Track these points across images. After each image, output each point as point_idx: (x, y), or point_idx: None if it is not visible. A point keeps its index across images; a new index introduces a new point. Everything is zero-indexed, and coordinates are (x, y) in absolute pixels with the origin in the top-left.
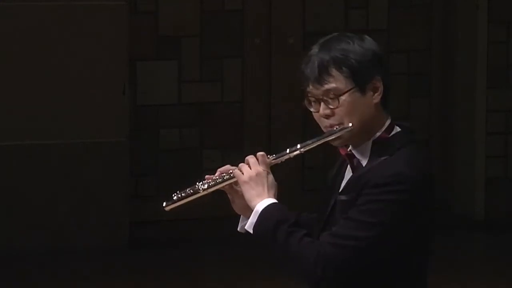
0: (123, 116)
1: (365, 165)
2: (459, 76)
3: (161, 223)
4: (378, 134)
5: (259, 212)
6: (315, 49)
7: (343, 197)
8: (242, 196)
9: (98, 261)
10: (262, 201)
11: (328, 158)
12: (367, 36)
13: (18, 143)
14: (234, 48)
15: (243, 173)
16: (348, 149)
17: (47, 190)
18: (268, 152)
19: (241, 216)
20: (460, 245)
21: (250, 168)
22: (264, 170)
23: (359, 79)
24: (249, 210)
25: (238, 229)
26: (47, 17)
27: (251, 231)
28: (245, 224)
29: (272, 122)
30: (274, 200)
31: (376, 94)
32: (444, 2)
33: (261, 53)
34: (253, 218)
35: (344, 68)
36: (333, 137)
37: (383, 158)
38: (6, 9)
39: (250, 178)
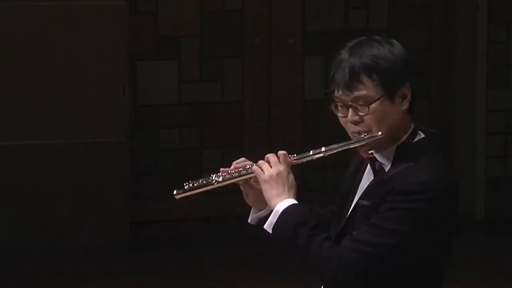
0: (123, 116)
1: (388, 170)
2: (459, 76)
3: (161, 223)
4: (402, 139)
5: (280, 212)
6: (344, 54)
7: (364, 202)
8: (256, 190)
9: (98, 261)
10: (282, 201)
11: (329, 158)
12: (395, 41)
13: (18, 143)
14: (234, 48)
15: (263, 171)
16: (370, 152)
17: (47, 190)
18: (268, 152)
19: (252, 208)
20: (460, 245)
21: (271, 167)
22: (285, 170)
23: (389, 87)
24: (263, 203)
25: (249, 220)
26: (47, 17)
27: (270, 231)
28: (257, 216)
29: (272, 122)
30: (295, 201)
31: (404, 101)
32: (444, 2)
33: (261, 53)
34: (272, 218)
35: (375, 76)
36: (360, 144)
37: (407, 164)
38: (6, 9)
39: (271, 177)
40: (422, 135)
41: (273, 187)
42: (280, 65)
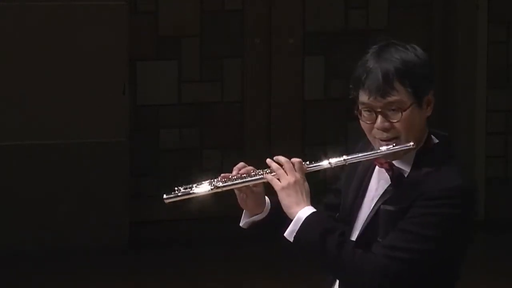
0: (123, 116)
1: (408, 175)
2: (459, 76)
3: (161, 223)
4: (420, 144)
5: (302, 220)
6: (371, 60)
7: (388, 207)
8: (255, 195)
9: (98, 261)
10: (303, 209)
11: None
12: (415, 45)
13: (18, 143)
14: (234, 48)
15: (278, 179)
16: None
17: (47, 190)
18: (268, 152)
19: (244, 212)
20: None
21: (287, 174)
22: (301, 177)
23: (419, 93)
24: (259, 208)
25: (241, 224)
26: (47, 17)
27: (291, 239)
28: (250, 221)
29: (272, 122)
30: (314, 209)
31: (429, 108)
32: (444, 2)
33: (261, 53)
34: (294, 226)
35: (407, 82)
36: (389, 153)
37: (429, 169)
38: (6, 9)
39: (289, 185)
40: (437, 140)
41: (291, 195)
42: (280, 65)
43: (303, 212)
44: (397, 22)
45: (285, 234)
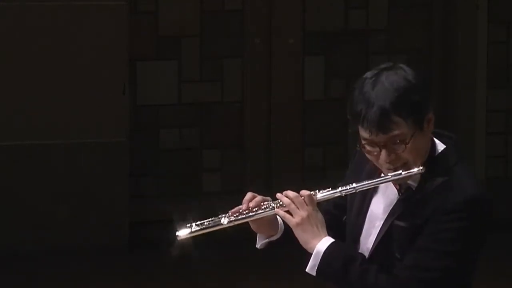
0: (123, 116)
1: (416, 188)
2: (459, 76)
3: (161, 223)
4: (426, 155)
5: (322, 253)
6: (370, 91)
7: (401, 224)
8: (268, 221)
9: (98, 261)
10: (320, 242)
11: (329, 158)
12: (404, 66)
13: (18, 143)
14: (234, 48)
15: (291, 215)
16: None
17: (47, 190)
18: (268, 152)
19: (258, 235)
20: None
21: (298, 209)
22: (313, 210)
23: (419, 120)
24: (271, 230)
25: (258, 246)
26: (47, 17)
27: (313, 273)
28: (266, 242)
29: (272, 122)
30: (332, 239)
31: (430, 125)
32: (444, 2)
33: (261, 53)
34: (315, 260)
35: (404, 113)
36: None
37: (439, 179)
38: (6, 9)
39: (303, 221)
40: (442, 145)
41: (307, 230)
42: (280, 65)
43: (321, 244)
44: (397, 22)
45: (307, 270)
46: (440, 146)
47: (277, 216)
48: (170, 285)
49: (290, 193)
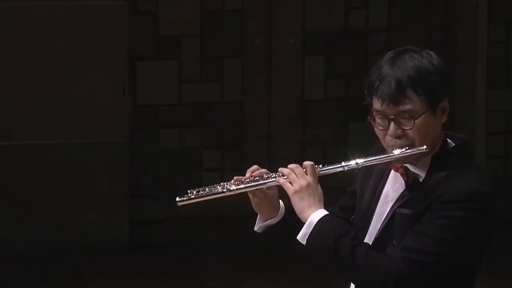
0: (123, 116)
1: (423, 180)
2: (459, 76)
3: (161, 223)
4: (436, 148)
5: (315, 223)
6: (386, 66)
7: (405, 211)
8: (269, 198)
9: (98, 261)
10: (315, 212)
11: (330, 158)
12: (432, 52)
13: (18, 143)
14: (234, 48)
15: (290, 183)
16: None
17: (47, 190)
18: (268, 152)
19: (259, 216)
20: None
21: (298, 178)
22: (313, 181)
23: (433, 101)
24: (273, 212)
25: (256, 229)
26: (47, 17)
27: (304, 242)
28: (264, 225)
29: (272, 122)
30: (327, 212)
31: (444, 114)
32: (444, 2)
33: (261, 53)
34: (307, 229)
35: (420, 90)
36: (401, 157)
37: (445, 173)
38: (6, 9)
39: (301, 189)
40: (453, 143)
41: (304, 199)
42: (280, 65)
43: (315, 215)
44: (397, 22)
45: (297, 237)
46: (451, 144)
47: (280, 200)
48: (170, 285)
49: (292, 164)
